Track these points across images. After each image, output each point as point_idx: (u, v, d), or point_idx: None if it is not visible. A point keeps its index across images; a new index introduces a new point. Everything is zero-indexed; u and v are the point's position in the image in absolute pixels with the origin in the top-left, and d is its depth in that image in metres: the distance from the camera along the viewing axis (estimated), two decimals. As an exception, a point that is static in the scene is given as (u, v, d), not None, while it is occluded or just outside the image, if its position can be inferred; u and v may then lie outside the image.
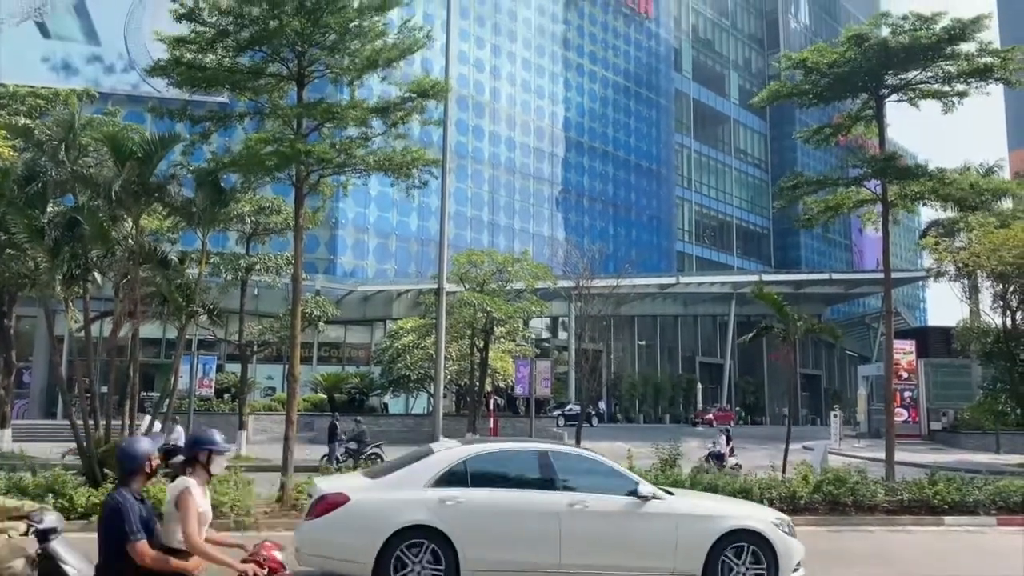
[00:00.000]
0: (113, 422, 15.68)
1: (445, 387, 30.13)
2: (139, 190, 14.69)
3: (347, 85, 16.72)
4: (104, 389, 18.32)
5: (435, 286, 16.43)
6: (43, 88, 25.26)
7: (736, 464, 20.90)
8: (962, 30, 18.17)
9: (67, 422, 17.09)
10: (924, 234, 43.03)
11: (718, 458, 20.71)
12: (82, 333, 16.99)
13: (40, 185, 15.13)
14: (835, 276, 61.13)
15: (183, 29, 16.35)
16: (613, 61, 64.48)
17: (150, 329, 29.05)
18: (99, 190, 14.89)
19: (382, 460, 21.57)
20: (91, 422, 15.17)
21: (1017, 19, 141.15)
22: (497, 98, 55.01)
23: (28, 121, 19.69)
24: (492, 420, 26.85)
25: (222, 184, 17.28)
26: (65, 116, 16.36)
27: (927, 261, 41.99)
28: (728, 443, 21.94)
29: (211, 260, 23.01)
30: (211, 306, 19.20)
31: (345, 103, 16.33)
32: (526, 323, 35.59)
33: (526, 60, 57.34)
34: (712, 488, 13.71)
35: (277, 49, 16.12)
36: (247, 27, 15.64)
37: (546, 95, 58.88)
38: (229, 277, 25.55)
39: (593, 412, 42.48)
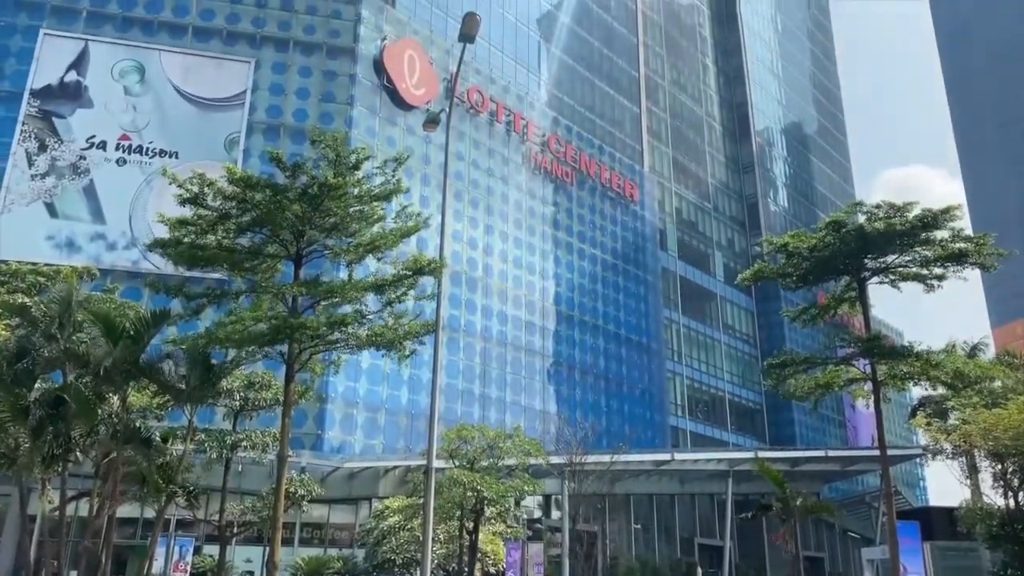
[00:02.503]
0: (78, 614, 14.75)
1: (432, 572, 28.70)
2: (130, 368, 14.70)
3: (346, 266, 17.19)
4: (74, 574, 17.38)
5: (424, 462, 16.05)
6: (45, 265, 25.80)
7: None
8: (934, 218, 19.10)
9: (28, 613, 16.06)
10: (914, 413, 42.86)
11: None
12: (56, 513, 16.35)
13: (30, 362, 15.13)
14: (831, 453, 60.13)
15: (186, 210, 16.99)
16: (601, 240, 66.77)
17: (127, 508, 28.00)
18: (89, 367, 14.88)
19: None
20: (54, 614, 14.27)
21: (987, 204, 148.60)
22: (489, 273, 56.38)
23: (26, 298, 19.96)
24: (481, 609, 25.40)
25: (212, 359, 17.30)
26: (62, 294, 16.64)
27: (922, 438, 41.56)
28: None
29: (197, 437, 22.60)
30: (191, 488, 18.59)
31: (341, 282, 16.71)
32: (518, 503, 34.51)
33: (517, 238, 59.32)
34: None
35: (277, 231, 16.68)
36: (249, 211, 16.27)
37: (537, 271, 60.43)
38: (214, 455, 24.96)
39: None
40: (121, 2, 45.90)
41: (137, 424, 16.44)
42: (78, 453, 15.67)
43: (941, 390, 27.81)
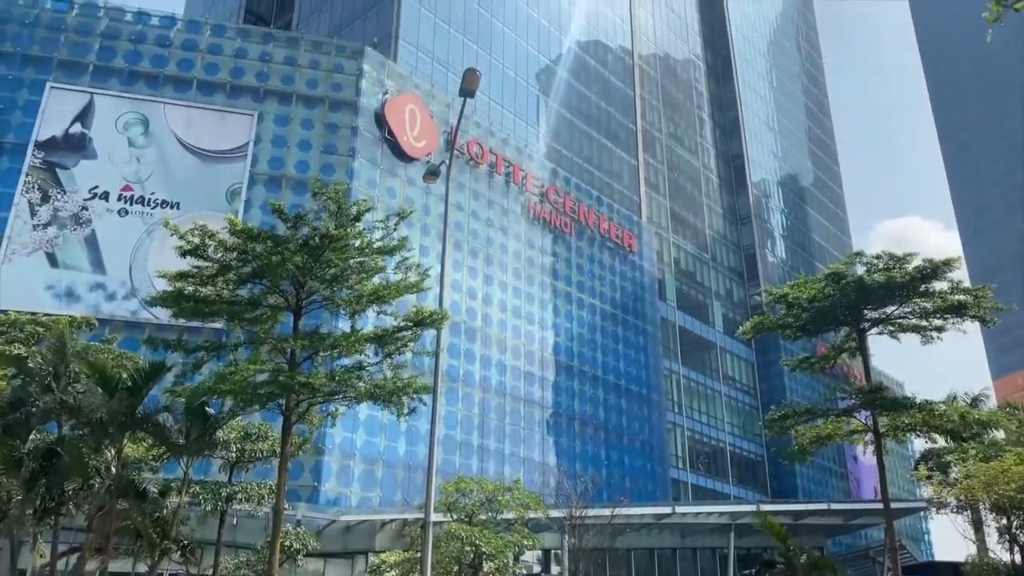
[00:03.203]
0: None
1: (429, 629, 27.98)
2: (126, 420, 14.56)
3: (348, 317, 17.18)
4: (61, 633, 16.96)
5: (421, 515, 15.84)
6: (43, 315, 25.75)
7: None
8: (933, 270, 19.20)
9: (14, 673, 15.63)
10: (916, 467, 42.47)
11: None
12: (48, 568, 16.03)
13: (24, 413, 14.99)
14: (834, 507, 59.37)
15: (187, 262, 17.04)
16: (600, 290, 66.88)
17: (119, 563, 27.47)
18: (84, 419, 14.75)
19: None
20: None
21: (983, 256, 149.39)
22: (488, 323, 56.31)
23: (23, 349, 19.90)
24: (479, 668, 24.74)
25: (210, 410, 17.17)
26: (57, 344, 16.57)
27: (926, 491, 41.08)
28: None
29: (192, 489, 22.31)
30: (185, 542, 18.28)
31: (342, 333, 16.67)
32: (517, 558, 33.91)
33: (516, 288, 59.41)
34: None
35: (277, 282, 16.71)
36: (250, 262, 16.32)
37: (536, 321, 60.36)
38: (209, 508, 24.58)
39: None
40: (127, 56, 46.70)
41: (132, 477, 16.24)
42: (71, 506, 15.42)
43: (942, 442, 27.60)
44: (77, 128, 44.48)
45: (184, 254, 16.24)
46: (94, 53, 46.26)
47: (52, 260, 42.01)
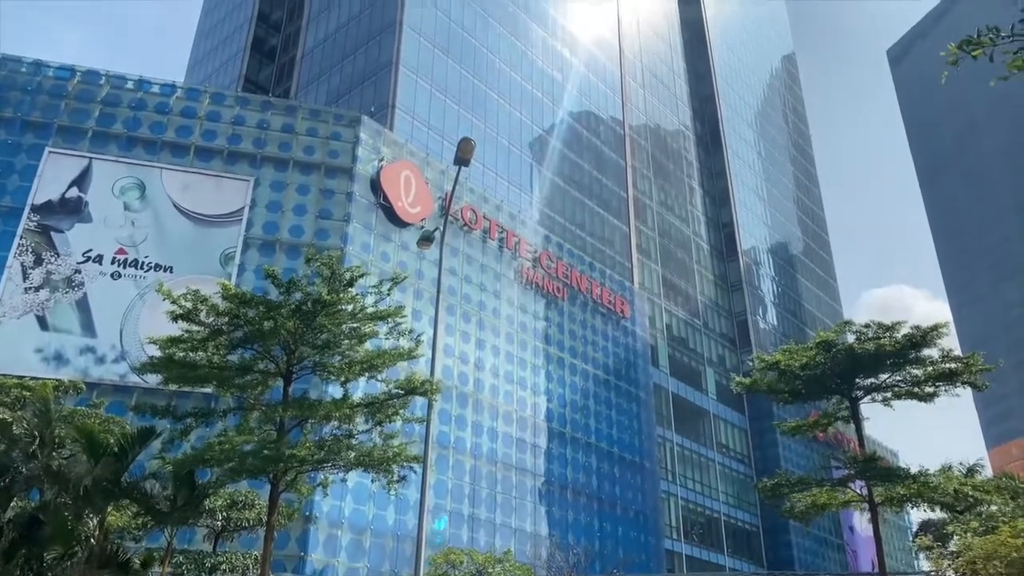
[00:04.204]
0: None
1: None
2: (111, 487, 14.28)
3: (341, 385, 17.07)
4: None
5: (411, 591, 15.46)
6: (31, 379, 25.50)
7: None
8: (922, 337, 19.31)
9: None
10: (914, 538, 41.86)
11: None
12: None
13: (7, 481, 14.71)
14: (831, 578, 58.27)
15: (178, 326, 16.98)
16: (592, 355, 66.75)
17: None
18: (68, 486, 14.46)
19: None
20: None
21: (973, 323, 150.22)
22: (480, 389, 55.95)
23: (8, 413, 19.64)
24: None
25: (197, 479, 16.90)
26: (40, 408, 16.37)
27: (924, 564, 40.37)
28: None
29: (175, 559, 21.78)
30: (167, 615, 17.76)
31: (332, 400, 16.53)
32: (507, 632, 33.00)
33: (509, 353, 59.25)
34: None
35: (268, 347, 16.65)
36: (242, 327, 16.29)
37: (528, 386, 60.02)
38: (191, 579, 23.97)
39: None
40: (126, 123, 47.40)
41: (115, 547, 15.85)
42: (49, 577, 14.99)
43: (940, 512, 27.25)
44: (74, 192, 44.82)
45: (176, 318, 16.21)
46: (94, 119, 46.94)
47: (42, 323, 41.79)
